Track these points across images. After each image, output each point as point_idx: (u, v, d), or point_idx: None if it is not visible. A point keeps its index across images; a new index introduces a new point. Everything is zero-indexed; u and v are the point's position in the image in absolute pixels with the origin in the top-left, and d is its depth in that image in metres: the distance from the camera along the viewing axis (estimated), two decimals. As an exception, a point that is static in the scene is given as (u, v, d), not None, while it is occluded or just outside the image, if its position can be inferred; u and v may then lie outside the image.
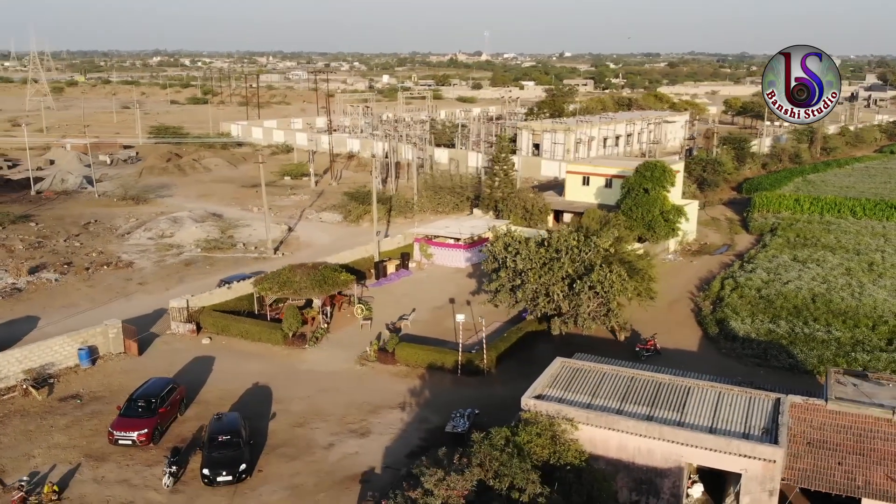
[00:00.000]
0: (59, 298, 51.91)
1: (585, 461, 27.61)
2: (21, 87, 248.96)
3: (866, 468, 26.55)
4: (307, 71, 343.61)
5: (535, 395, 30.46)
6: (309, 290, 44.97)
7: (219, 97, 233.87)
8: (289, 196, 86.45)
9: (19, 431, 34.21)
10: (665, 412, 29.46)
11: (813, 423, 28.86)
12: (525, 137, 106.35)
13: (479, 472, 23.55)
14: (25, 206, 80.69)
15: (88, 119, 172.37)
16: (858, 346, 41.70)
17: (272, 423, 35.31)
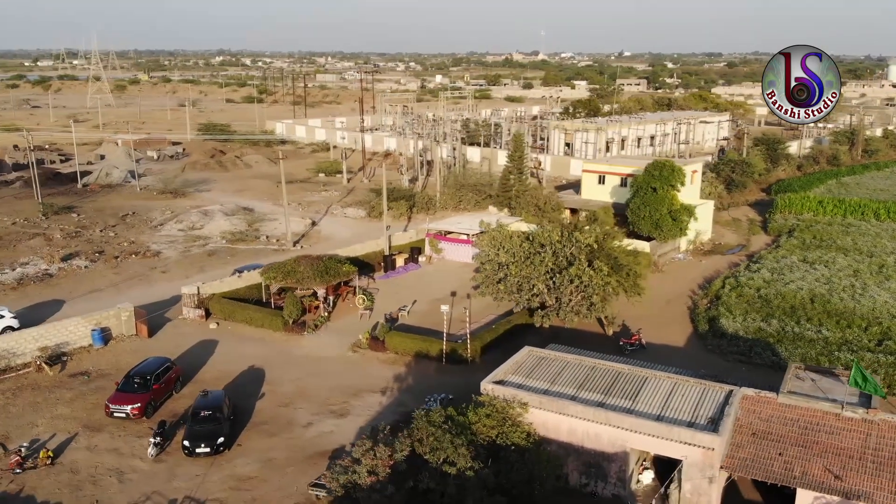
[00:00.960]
0: (86, 284, 55.16)
1: (533, 442, 28.92)
2: (87, 84, 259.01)
3: (806, 460, 27.21)
4: (361, 71, 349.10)
5: (496, 381, 31.86)
6: (311, 280, 47.04)
7: (273, 96, 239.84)
8: (320, 192, 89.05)
9: (27, 403, 37.04)
10: (618, 400, 30.52)
11: (762, 415, 29.57)
12: (557, 137, 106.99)
13: (416, 445, 25.04)
14: (71, 198, 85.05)
15: (144, 116, 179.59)
16: (845, 345, 41.80)
17: (259, 403, 37.44)
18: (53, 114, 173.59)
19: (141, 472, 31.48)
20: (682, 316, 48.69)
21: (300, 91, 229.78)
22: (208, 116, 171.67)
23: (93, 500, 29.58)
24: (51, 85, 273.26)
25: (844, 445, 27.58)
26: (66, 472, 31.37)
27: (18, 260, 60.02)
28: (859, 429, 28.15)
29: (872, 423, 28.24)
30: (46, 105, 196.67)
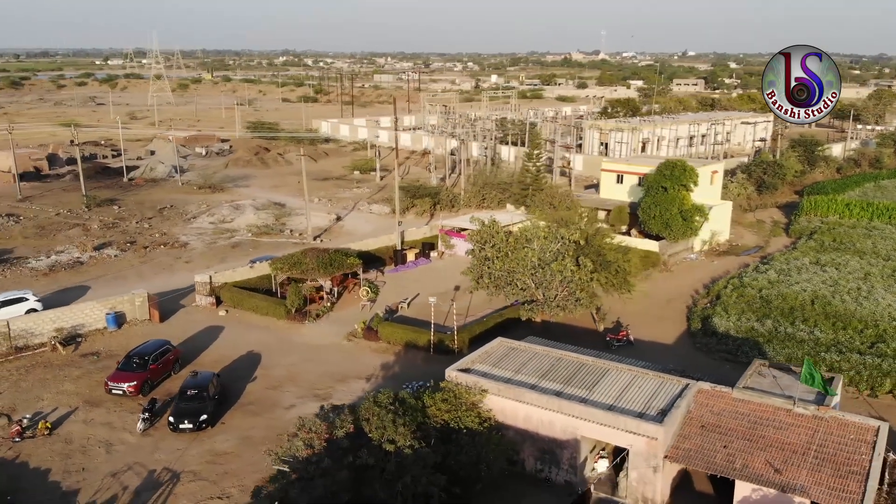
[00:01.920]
0: (113, 271, 58.24)
1: (488, 427, 30.05)
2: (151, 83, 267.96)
3: (749, 453, 27.66)
4: (418, 71, 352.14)
5: (461, 368, 33.09)
6: (315, 272, 48.92)
7: (328, 96, 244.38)
8: (352, 189, 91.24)
9: (37, 379, 39.76)
10: (575, 389, 31.38)
11: (714, 408, 30.08)
12: (592, 136, 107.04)
13: (364, 425, 26.46)
14: (115, 191, 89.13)
15: (200, 114, 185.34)
16: (835, 347, 41.61)
17: (251, 385, 39.38)
18: (114, 111, 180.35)
19: (128, 444, 33.68)
20: (680, 314, 48.94)
21: (351, 91, 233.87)
22: (261, 115, 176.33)
23: (79, 467, 31.84)
24: (117, 83, 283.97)
25: (790, 440, 27.93)
26: (60, 441, 33.77)
27: (55, 248, 63.64)
28: (808, 425, 28.45)
29: (822, 420, 28.51)
30: (111, 103, 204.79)
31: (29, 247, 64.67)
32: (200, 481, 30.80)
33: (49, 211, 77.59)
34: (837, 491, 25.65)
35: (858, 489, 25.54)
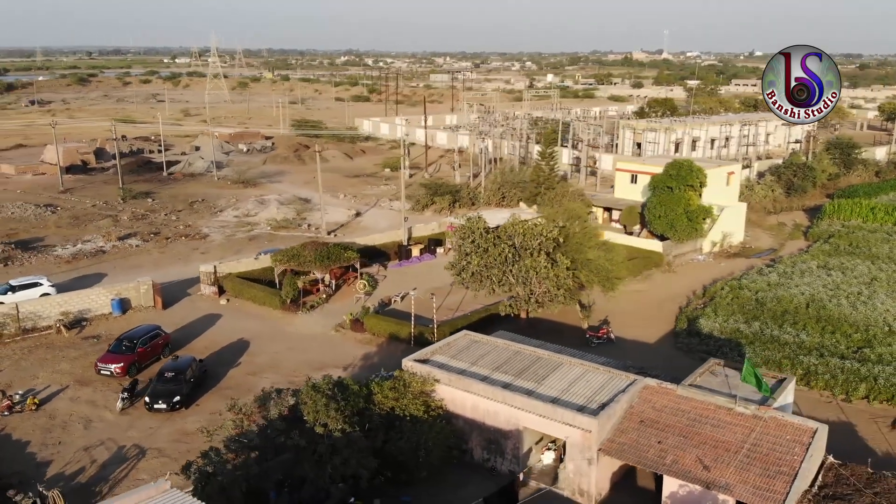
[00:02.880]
0: (131, 260, 60.87)
1: (435, 416, 30.88)
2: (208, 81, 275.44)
3: (682, 449, 27.85)
4: (473, 71, 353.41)
5: (419, 359, 33.95)
6: (312, 264, 50.41)
7: (381, 95, 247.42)
8: (379, 186, 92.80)
9: (38, 358, 42.16)
10: (525, 382, 31.92)
11: (656, 404, 30.28)
12: (627, 136, 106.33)
13: (302, 409, 27.59)
14: (154, 184, 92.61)
15: (253, 112, 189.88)
16: (817, 350, 41.05)
17: (233, 370, 41.00)
18: (170, 108, 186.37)
19: (106, 421, 35.59)
20: (670, 314, 48.75)
21: (405, 90, 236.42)
22: (312, 114, 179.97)
23: (57, 441, 33.86)
24: (179, 81, 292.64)
25: (726, 439, 27.98)
26: (44, 417, 35.90)
27: (82, 237, 66.79)
28: (746, 424, 28.44)
29: (760, 420, 28.46)
30: (167, 99, 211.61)
31: (59, 235, 68.01)
32: (163, 458, 32.42)
33: (86, 202, 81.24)
34: (762, 490, 25.68)
35: (783, 489, 25.54)
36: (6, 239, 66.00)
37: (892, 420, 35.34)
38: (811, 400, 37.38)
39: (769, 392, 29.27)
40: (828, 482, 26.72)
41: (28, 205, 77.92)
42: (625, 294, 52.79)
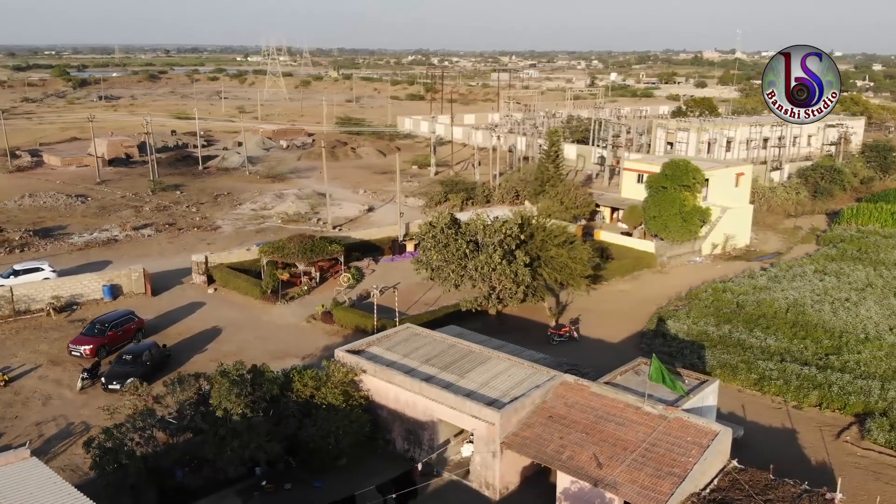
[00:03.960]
0: (139, 249, 63.31)
1: (352, 405, 31.47)
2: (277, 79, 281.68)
3: (581, 446, 27.78)
4: (536, 70, 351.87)
5: (351, 350, 34.65)
6: (295, 256, 51.63)
7: (437, 94, 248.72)
8: (403, 182, 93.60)
9: (22, 338, 44.49)
10: (448, 374, 32.27)
11: (568, 400, 30.22)
12: (660, 136, 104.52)
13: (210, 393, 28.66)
14: (187, 178, 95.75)
15: (306, 110, 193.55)
16: (779, 355, 40.05)
17: (198, 356, 42.45)
18: (227, 104, 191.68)
19: (64, 399, 37.40)
20: (647, 315, 48.10)
21: (461, 89, 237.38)
22: (365, 112, 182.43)
23: (14, 416, 35.80)
24: (245, 79, 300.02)
25: (626, 437, 27.77)
26: (10, 393, 37.95)
27: (101, 227, 69.75)
28: (650, 423, 28.15)
29: (665, 420, 28.14)
30: (234, 97, 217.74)
31: (82, 224, 71.19)
32: (105, 435, 33.92)
33: (116, 193, 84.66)
34: (648, 490, 25.44)
35: (669, 490, 25.25)
36: (32, 226, 69.48)
37: (839, 430, 34.31)
38: (761, 405, 36.60)
39: (684, 391, 28.96)
40: (723, 486, 26.26)
41: (61, 195, 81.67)
42: (608, 293, 52.54)
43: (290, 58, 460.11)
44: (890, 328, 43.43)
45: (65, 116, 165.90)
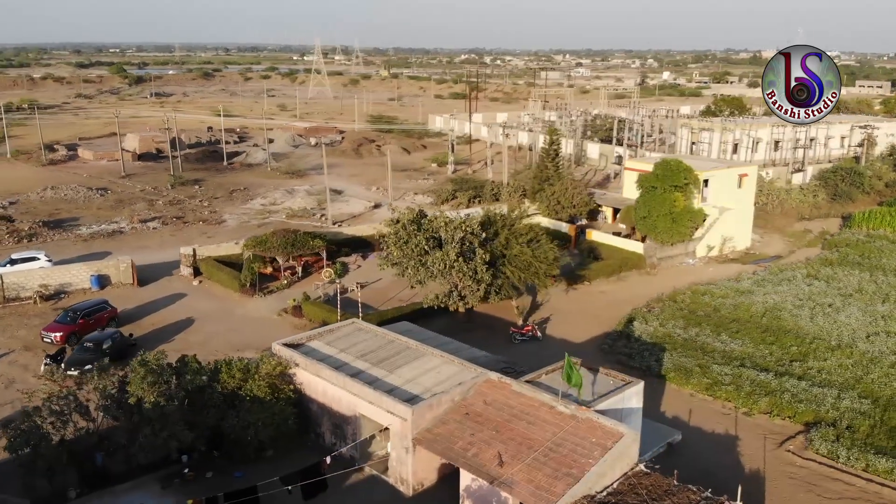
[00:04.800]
0: (141, 241, 64.91)
1: (282, 397, 31.77)
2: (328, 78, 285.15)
3: (489, 444, 27.56)
4: (586, 69, 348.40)
5: (289, 343, 34.99)
6: (276, 251, 52.37)
7: (482, 93, 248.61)
8: (418, 180, 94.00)
9: (5, 324, 46.09)
10: (378, 370, 32.34)
11: (488, 398, 29.98)
12: (684, 135, 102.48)
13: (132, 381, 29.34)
14: (210, 173, 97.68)
15: (346, 108, 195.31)
16: (738, 360, 39.00)
17: (163, 346, 42.93)
18: (269, 102, 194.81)
19: (26, 383, 38.43)
20: (620, 316, 47.24)
21: (506, 88, 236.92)
22: (406, 110, 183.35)
23: (-25, 397, 37.18)
24: (296, 77, 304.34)
25: (534, 436, 27.44)
26: (-23, 375, 39.41)
27: (111, 219, 71.76)
28: (560, 423, 27.76)
29: (575, 420, 27.71)
30: (283, 95, 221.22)
31: (94, 216, 73.35)
32: (54, 418, 34.93)
33: (136, 187, 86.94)
34: (541, 491, 25.11)
35: (562, 492, 24.87)
36: (48, 217, 71.95)
37: (784, 438, 33.25)
38: (711, 410, 35.69)
39: (575, 386, 28.47)
40: (621, 490, 25.75)
41: (82, 187, 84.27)
42: (588, 294, 51.90)
43: (344, 57, 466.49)
44: (867, 335, 41.88)
45: (111, 112, 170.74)
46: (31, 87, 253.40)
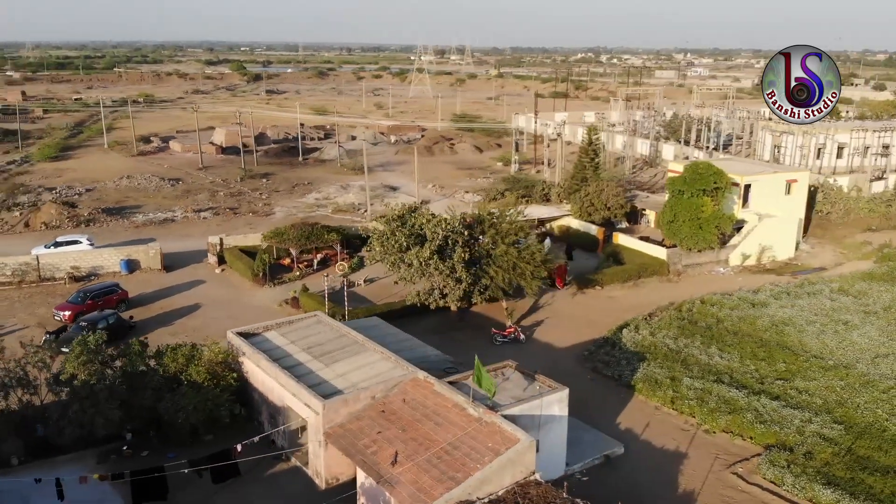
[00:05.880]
0: (188, 229, 67.87)
1: (223, 385, 32.60)
2: (436, 77, 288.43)
3: (391, 443, 27.34)
4: (703, 68, 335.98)
5: (244, 332, 35.85)
6: (291, 242, 53.62)
7: (586, 91, 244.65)
8: (477, 179, 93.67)
9: (31, 302, 49.40)
10: (316, 363, 32.68)
11: (408, 396, 29.71)
12: (766, 138, 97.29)
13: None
14: (283, 167, 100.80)
15: (442, 106, 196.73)
16: (717, 374, 36.81)
17: (161, 329, 45.12)
18: (367, 101, 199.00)
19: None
20: (618, 323, 45.54)
21: (611, 87, 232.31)
22: (501, 108, 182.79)
23: (-24, 367, 40.03)
24: (405, 77, 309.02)
25: (436, 437, 26.98)
26: (-13, 348, 42.36)
27: (170, 207, 75.39)
28: (465, 425, 27.17)
29: (480, 423, 27.05)
30: (391, 94, 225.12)
31: (157, 205, 77.31)
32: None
33: (207, 179, 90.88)
34: (421, 493, 24.69)
35: (438, 495, 24.35)
36: (113, 205, 76.51)
37: (738, 460, 31.18)
38: (671, 425, 33.95)
39: (490, 396, 27.66)
40: (504, 498, 24.90)
41: (155, 177, 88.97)
42: (595, 298, 50.43)
43: (459, 56, 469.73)
44: (874, 357, 38.59)
45: (217, 107, 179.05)
46: (155, 83, 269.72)
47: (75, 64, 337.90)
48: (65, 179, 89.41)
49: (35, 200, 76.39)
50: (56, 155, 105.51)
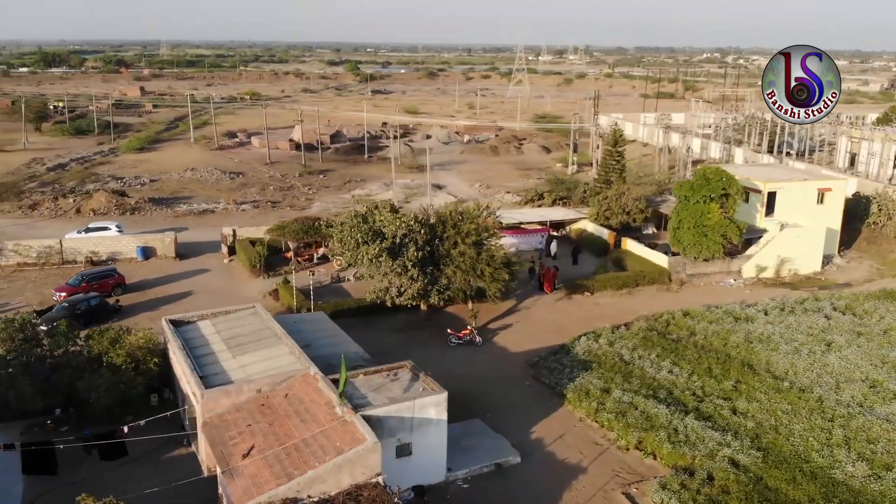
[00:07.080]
0: (222, 220, 70.26)
1: (140, 368, 33.80)
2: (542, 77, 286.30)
3: (253, 436, 27.51)
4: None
5: (176, 320, 36.93)
6: (290, 236, 54.76)
7: (696, 93, 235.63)
8: (529, 179, 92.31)
9: (45, 282, 52.64)
10: (227, 354, 33.29)
11: (291, 391, 29.84)
12: (844, 145, 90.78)
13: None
14: (345, 164, 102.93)
15: (530, 107, 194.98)
16: (656, 388, 34.80)
17: (144, 313, 46.98)
18: (459, 101, 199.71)
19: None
20: (584, 331, 43.67)
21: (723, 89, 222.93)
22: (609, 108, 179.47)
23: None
24: (512, 77, 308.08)
25: (295, 433, 26.92)
26: (-14, 322, 45.61)
27: (217, 199, 78.48)
28: (326, 423, 27.00)
29: (339, 421, 26.80)
30: (492, 94, 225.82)
31: (207, 196, 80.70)
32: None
33: (267, 174, 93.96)
34: (254, 486, 24.74)
35: (266, 490, 24.32)
36: (169, 195, 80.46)
37: (636, 480, 29.42)
38: (585, 438, 32.39)
39: (341, 399, 27.24)
40: (335, 498, 24.56)
41: (217, 170, 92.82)
42: (579, 305, 48.87)
43: (575, 56, 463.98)
44: (840, 382, 35.36)
45: (301, 106, 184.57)
46: (272, 81, 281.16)
47: (205, 62, 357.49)
48: (139, 170, 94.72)
49: (98, 188, 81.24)
50: (141, 147, 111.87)
